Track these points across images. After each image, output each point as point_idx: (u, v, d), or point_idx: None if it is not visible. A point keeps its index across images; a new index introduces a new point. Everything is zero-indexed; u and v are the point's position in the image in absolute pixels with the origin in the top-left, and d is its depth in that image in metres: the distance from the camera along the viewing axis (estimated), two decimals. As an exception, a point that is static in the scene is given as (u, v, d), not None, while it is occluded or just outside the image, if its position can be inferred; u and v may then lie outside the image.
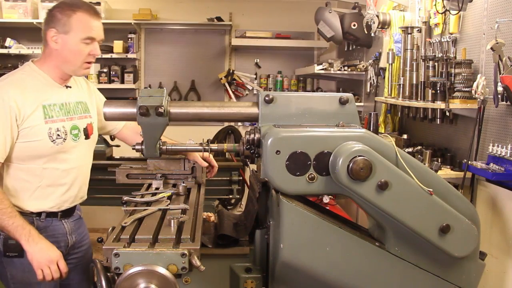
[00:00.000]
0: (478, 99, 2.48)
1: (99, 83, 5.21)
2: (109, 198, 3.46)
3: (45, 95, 2.00)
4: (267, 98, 1.71)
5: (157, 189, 2.06)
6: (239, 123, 5.40)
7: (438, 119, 2.91)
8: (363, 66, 4.30)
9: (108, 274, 1.46)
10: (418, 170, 1.61)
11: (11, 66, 5.04)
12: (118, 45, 5.18)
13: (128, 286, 1.34)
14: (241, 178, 3.70)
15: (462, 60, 2.65)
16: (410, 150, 3.03)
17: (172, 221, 1.57)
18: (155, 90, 1.73)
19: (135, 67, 5.48)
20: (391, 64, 3.45)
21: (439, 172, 2.71)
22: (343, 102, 1.74)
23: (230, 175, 3.62)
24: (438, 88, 2.73)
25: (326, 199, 3.61)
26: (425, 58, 2.96)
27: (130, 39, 5.31)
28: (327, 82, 5.63)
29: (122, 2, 5.39)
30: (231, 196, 3.66)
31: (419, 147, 3.05)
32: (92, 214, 4.00)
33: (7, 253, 1.94)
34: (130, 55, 5.28)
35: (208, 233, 1.97)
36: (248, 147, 1.70)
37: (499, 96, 2.34)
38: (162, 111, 1.66)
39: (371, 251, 1.65)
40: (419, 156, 2.92)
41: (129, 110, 1.73)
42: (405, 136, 3.29)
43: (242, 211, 2.19)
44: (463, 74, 2.61)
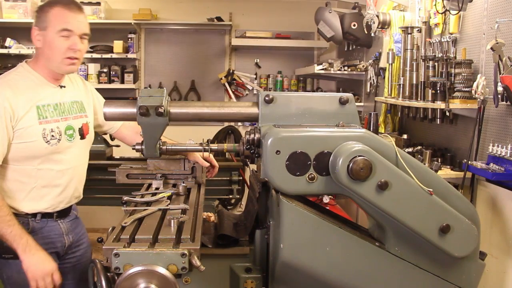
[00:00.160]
0: (478, 99, 2.48)
1: (99, 83, 5.21)
2: (109, 198, 3.46)
3: (39, 96, 1.98)
4: (267, 98, 1.71)
5: (157, 189, 2.06)
6: (239, 123, 5.40)
7: (438, 119, 2.91)
8: (363, 66, 4.29)
9: (108, 274, 1.46)
10: (418, 170, 1.61)
11: (11, 66, 4.94)
12: (118, 45, 5.18)
13: (128, 286, 1.34)
14: (241, 178, 3.70)
15: (462, 60, 2.65)
16: (410, 150, 3.03)
17: (172, 221, 1.56)
18: (155, 90, 1.73)
19: (135, 67, 5.48)
20: (391, 64, 3.45)
21: (439, 172, 2.71)
22: (343, 102, 1.73)
23: (230, 175, 3.62)
24: (438, 88, 2.73)
25: (326, 199, 3.62)
26: (425, 58, 2.95)
27: (130, 39, 5.31)
28: (327, 82, 5.63)
29: (122, 2, 5.39)
30: (231, 196, 3.66)
31: (419, 147, 3.05)
32: (92, 214, 4.01)
33: (3, 255, 1.94)
34: (130, 55, 5.27)
35: (208, 233, 1.97)
36: (248, 147, 1.70)
37: (499, 96, 2.34)
38: (162, 111, 1.66)
39: (371, 251, 1.65)
40: (419, 156, 2.91)
41: (129, 110, 1.73)
42: (405, 136, 3.29)
43: (242, 211, 2.19)
44: (463, 74, 2.61)
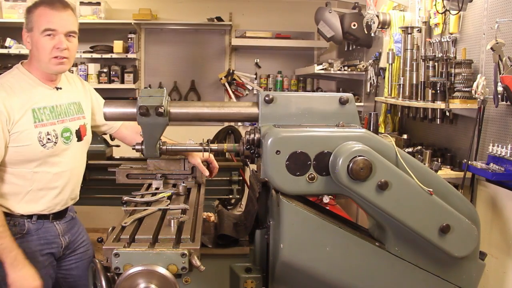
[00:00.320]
0: (478, 99, 2.48)
1: (99, 83, 5.22)
2: (109, 198, 3.45)
3: (34, 98, 1.96)
4: (267, 98, 1.71)
5: (157, 189, 2.05)
6: (239, 123, 5.40)
7: (438, 119, 2.91)
8: (363, 66, 4.29)
9: (108, 274, 1.46)
10: (418, 170, 1.61)
11: (11, 66, 4.95)
12: (118, 45, 5.18)
13: (128, 286, 1.33)
14: (241, 178, 3.69)
15: (462, 60, 2.65)
16: (410, 150, 3.03)
17: (172, 221, 1.56)
18: (155, 90, 1.72)
19: (135, 67, 5.48)
20: (391, 64, 3.45)
21: (439, 172, 2.71)
22: (343, 102, 1.73)
23: (230, 175, 3.61)
24: (438, 88, 2.73)
25: (326, 199, 3.61)
26: (425, 58, 2.95)
27: (130, 39, 5.31)
28: (327, 82, 5.63)
29: (122, 2, 5.39)
30: (231, 196, 3.65)
31: (419, 147, 3.05)
32: (92, 214, 4.01)
33: None
34: (130, 55, 5.28)
35: (208, 233, 1.97)
36: (248, 147, 1.70)
37: (499, 96, 2.34)
38: (162, 111, 1.66)
39: (371, 251, 1.65)
40: (419, 156, 2.92)
41: (129, 110, 1.73)
42: (405, 136, 3.29)
43: (242, 211, 2.19)
44: (463, 74, 2.61)
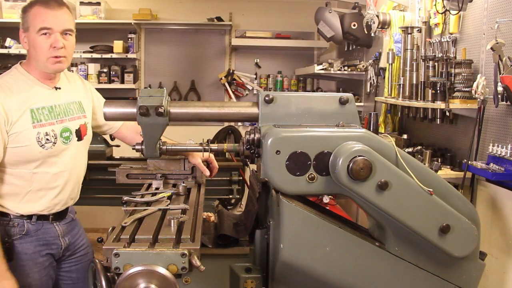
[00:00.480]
0: (478, 99, 2.48)
1: (99, 83, 5.22)
2: (109, 198, 3.45)
3: (33, 99, 1.95)
4: (267, 98, 1.71)
5: (157, 189, 2.05)
6: (239, 123, 5.40)
7: (438, 119, 2.91)
8: (363, 66, 4.30)
9: (108, 274, 1.46)
10: (418, 170, 1.61)
11: (11, 66, 4.97)
12: (118, 45, 5.18)
13: (128, 286, 1.33)
14: (241, 178, 3.70)
15: (462, 60, 2.65)
16: (410, 150, 3.03)
17: (172, 221, 1.56)
18: (155, 90, 1.72)
19: (135, 67, 5.48)
20: (391, 64, 3.45)
21: (439, 172, 2.71)
22: (343, 102, 1.73)
23: (230, 175, 3.61)
24: (438, 88, 2.73)
25: (326, 199, 3.62)
26: (425, 58, 2.95)
27: (130, 39, 5.31)
28: (327, 82, 5.63)
29: (122, 2, 5.39)
30: (231, 196, 3.65)
31: (419, 147, 3.05)
32: (92, 214, 4.01)
33: None
34: (130, 55, 5.28)
35: (208, 233, 1.97)
36: (248, 147, 1.70)
37: (499, 96, 2.34)
38: (162, 111, 1.66)
39: (371, 251, 1.65)
40: (419, 156, 2.92)
41: (129, 110, 1.73)
42: (405, 136, 3.29)
43: (242, 211, 2.19)
44: (463, 74, 2.61)
